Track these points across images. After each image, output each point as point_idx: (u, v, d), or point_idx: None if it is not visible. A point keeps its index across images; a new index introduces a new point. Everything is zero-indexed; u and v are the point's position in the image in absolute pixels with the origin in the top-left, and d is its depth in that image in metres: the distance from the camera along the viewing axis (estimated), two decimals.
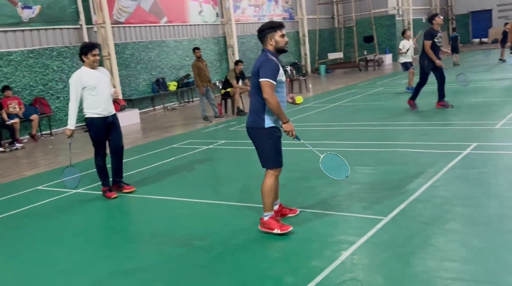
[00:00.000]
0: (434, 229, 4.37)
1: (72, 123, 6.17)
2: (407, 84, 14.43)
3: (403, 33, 14.27)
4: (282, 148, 4.70)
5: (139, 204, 6.28)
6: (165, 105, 16.50)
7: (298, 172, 6.58)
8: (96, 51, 6.20)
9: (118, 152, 6.59)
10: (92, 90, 6.15)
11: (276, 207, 4.88)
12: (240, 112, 13.06)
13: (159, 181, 7.14)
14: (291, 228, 4.56)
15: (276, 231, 4.54)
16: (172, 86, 16.62)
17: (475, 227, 4.38)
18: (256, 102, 4.54)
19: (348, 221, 4.81)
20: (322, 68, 24.66)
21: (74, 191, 6.94)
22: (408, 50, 13.90)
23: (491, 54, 24.77)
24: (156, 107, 16.37)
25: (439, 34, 10.18)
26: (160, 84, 16.23)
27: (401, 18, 27.67)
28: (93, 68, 6.22)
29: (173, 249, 4.54)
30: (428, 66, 10.29)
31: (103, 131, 6.32)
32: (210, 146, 9.29)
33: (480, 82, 14.52)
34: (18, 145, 11.23)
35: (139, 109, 15.08)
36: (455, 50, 20.55)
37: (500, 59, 20.09)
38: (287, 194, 5.62)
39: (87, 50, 6.14)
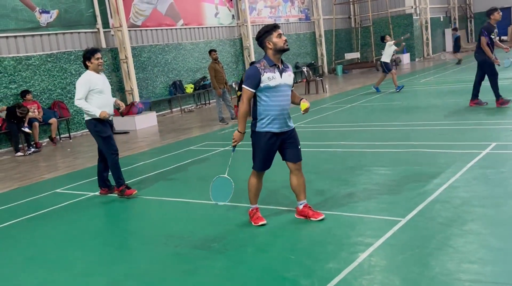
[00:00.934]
0: (452, 230, 4.30)
1: (96, 110, 6.26)
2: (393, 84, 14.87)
3: (383, 39, 14.93)
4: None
5: (155, 206, 6.31)
6: (182, 107, 16.58)
7: (314, 173, 6.54)
8: (99, 55, 6.36)
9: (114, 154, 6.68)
10: (99, 93, 6.34)
11: (300, 207, 4.99)
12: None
13: (176, 183, 7.17)
14: (264, 222, 4.90)
15: (251, 222, 4.99)
16: (189, 88, 16.70)
17: (494, 227, 4.30)
18: (253, 108, 4.81)
19: (365, 223, 4.77)
20: (339, 68, 24.53)
21: (92, 194, 7.01)
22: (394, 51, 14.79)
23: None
24: (173, 110, 16.46)
25: (495, 30, 10.01)
26: (177, 86, 16.32)
27: (418, 17, 27.39)
28: (97, 72, 6.38)
29: (190, 251, 4.55)
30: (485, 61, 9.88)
31: (108, 130, 6.49)
32: (227, 148, 9.29)
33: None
34: (33, 149, 11.32)
35: (157, 112, 15.18)
36: (457, 49, 22.13)
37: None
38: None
39: (90, 55, 6.31)
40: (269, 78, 4.57)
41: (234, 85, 15.35)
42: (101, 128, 6.41)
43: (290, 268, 3.96)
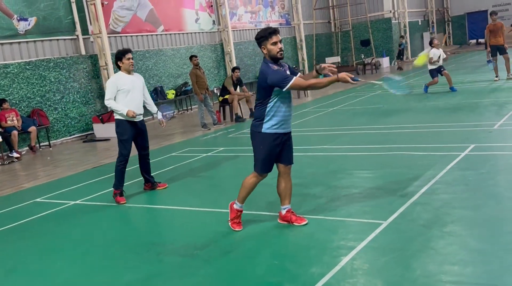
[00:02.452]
0: (433, 232, 4.35)
1: (123, 109, 6.45)
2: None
3: (431, 42, 13.85)
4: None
5: (138, 214, 6.27)
6: (164, 113, 16.47)
7: (297, 178, 6.55)
8: (130, 55, 6.55)
9: (146, 156, 7.02)
10: (126, 94, 6.50)
11: (283, 212, 4.96)
12: (238, 118, 13.07)
13: (158, 190, 7.12)
14: (240, 229, 4.92)
15: (229, 222, 5.02)
16: (171, 94, 16.63)
17: (474, 229, 4.37)
18: (259, 110, 4.68)
19: (348, 226, 4.80)
20: None
21: (73, 202, 6.93)
22: (439, 57, 13.42)
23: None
24: (155, 116, 16.34)
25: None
26: (158, 92, 16.24)
27: (397, 21, 27.74)
28: (129, 72, 6.57)
29: (173, 259, 4.52)
30: None
31: (129, 133, 6.62)
32: (209, 154, 9.28)
33: (475, 83, 14.53)
34: (15, 154, 11.24)
35: None
36: (400, 56, 22.96)
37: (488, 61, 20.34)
38: None
39: (121, 55, 6.51)
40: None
41: (215, 91, 15.35)
42: (122, 129, 6.61)
43: (274, 274, 3.96)
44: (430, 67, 13.54)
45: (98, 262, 4.75)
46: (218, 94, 13.79)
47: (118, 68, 6.64)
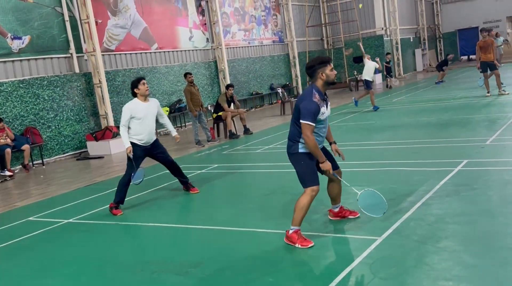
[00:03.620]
0: (428, 247, 4.36)
1: (127, 143, 6.94)
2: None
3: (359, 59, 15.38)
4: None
5: (132, 232, 6.23)
6: (158, 130, 16.50)
7: (291, 194, 6.56)
8: (144, 81, 7.04)
9: (171, 165, 7.48)
10: (139, 121, 6.92)
11: (336, 210, 5.37)
12: (232, 135, 13.09)
13: (152, 208, 7.10)
14: (312, 244, 4.69)
15: (297, 245, 4.72)
16: (164, 111, 16.59)
17: (468, 244, 4.38)
18: (293, 130, 4.85)
19: (343, 242, 4.80)
20: None
21: (66, 221, 6.88)
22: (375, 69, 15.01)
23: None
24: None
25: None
26: None
27: (389, 38, 28.05)
28: (145, 97, 7.02)
29: (167, 277, 4.49)
30: None
31: (138, 154, 7.01)
32: (203, 171, 9.27)
33: (467, 99, 14.67)
34: (7, 173, 11.18)
35: None
36: (389, 73, 23.39)
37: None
38: (278, 218, 5.61)
39: (137, 82, 6.99)
40: (322, 112, 4.73)
41: (209, 107, 15.37)
42: (133, 151, 6.95)
43: None
44: (366, 77, 15.13)
45: (91, 281, 4.70)
46: (212, 111, 13.83)
47: (134, 95, 7.03)
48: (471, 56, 33.70)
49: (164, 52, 17.47)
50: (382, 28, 27.44)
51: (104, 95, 14.22)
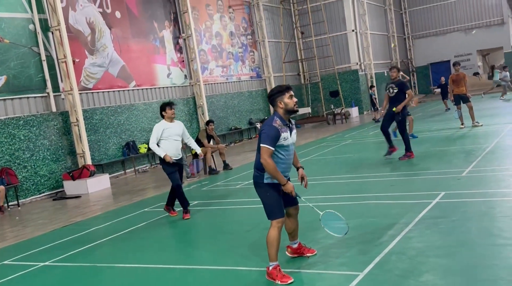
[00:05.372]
0: (410, 282, 4.35)
1: (162, 153, 8.10)
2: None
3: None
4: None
5: (111, 273, 6.08)
6: (136, 168, 16.36)
7: None
8: (173, 107, 8.30)
9: (178, 187, 8.30)
10: (166, 139, 8.14)
11: (295, 246, 5.34)
12: (212, 171, 13.05)
13: (131, 247, 6.96)
14: (291, 280, 4.66)
15: (277, 281, 4.69)
16: (143, 148, 16.56)
17: (449, 278, 4.38)
18: (258, 159, 4.85)
19: (325, 279, 4.76)
20: None
21: (42, 264, 6.69)
22: None
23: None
24: (127, 171, 16.21)
25: (389, 85, 10.66)
26: (130, 147, 16.17)
27: (363, 72, 28.67)
28: (171, 120, 8.26)
29: None
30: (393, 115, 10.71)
31: (173, 166, 8.20)
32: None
33: (442, 131, 14.97)
34: None
35: (110, 174, 14.90)
36: (373, 106, 23.43)
37: (446, 109, 21.40)
38: (261, 254, 5.55)
39: (166, 106, 8.25)
40: (285, 138, 4.78)
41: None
42: (165, 166, 8.24)
43: None
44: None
45: None
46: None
47: (162, 117, 8.30)
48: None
49: (142, 89, 17.51)
50: (357, 63, 28.07)
51: (81, 134, 14.11)
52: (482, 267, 4.51)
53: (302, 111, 26.49)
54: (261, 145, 4.72)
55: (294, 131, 4.98)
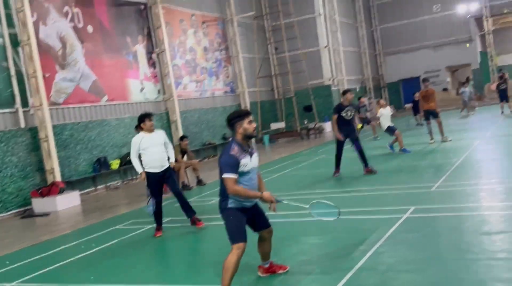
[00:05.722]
0: None
1: (139, 170, 7.93)
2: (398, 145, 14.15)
3: (378, 102, 14.78)
4: None
5: None
6: (108, 184, 16.10)
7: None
8: (150, 118, 7.91)
9: (177, 195, 8.17)
10: (145, 150, 7.83)
11: (266, 266, 5.30)
12: (185, 187, 12.93)
13: (101, 266, 6.81)
14: None
15: None
16: (115, 164, 16.32)
17: None
18: (222, 187, 4.80)
19: None
20: (266, 138, 25.15)
21: (9, 284, 6.48)
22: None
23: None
24: (97, 187, 15.92)
25: (346, 109, 10.82)
26: (101, 163, 15.90)
27: (336, 88, 29.03)
28: (150, 131, 7.88)
29: None
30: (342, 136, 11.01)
31: (155, 184, 7.92)
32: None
33: (412, 146, 15.22)
34: None
35: (80, 190, 14.60)
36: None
37: (418, 124, 21.79)
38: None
39: (145, 118, 7.87)
40: (244, 164, 4.71)
41: None
42: (148, 181, 7.94)
43: None
44: (386, 125, 14.31)
45: None
46: None
47: (140, 129, 7.93)
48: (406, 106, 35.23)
49: (115, 104, 17.32)
50: (330, 79, 28.41)
51: (51, 150, 13.83)
52: (452, 281, 4.56)
53: (276, 126, 26.63)
54: (223, 176, 4.65)
55: (255, 154, 4.92)
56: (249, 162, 4.78)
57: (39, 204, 13.02)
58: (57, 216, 12.02)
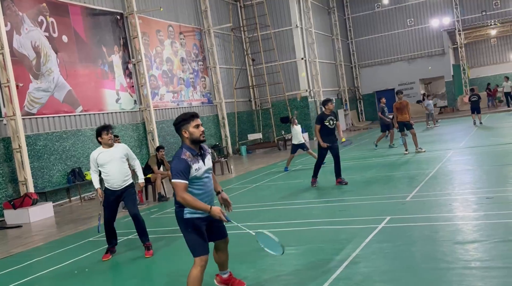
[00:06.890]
0: None
1: (96, 185, 7.51)
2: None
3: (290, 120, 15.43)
4: None
5: None
6: (82, 195, 15.85)
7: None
8: (108, 131, 7.27)
9: (134, 218, 7.47)
10: (102, 166, 7.30)
11: (225, 276, 5.15)
12: (161, 198, 12.82)
13: (74, 280, 6.68)
14: None
15: None
16: (89, 175, 16.08)
17: None
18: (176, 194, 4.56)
19: None
20: (243, 148, 25.17)
21: None
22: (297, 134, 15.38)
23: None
24: (72, 198, 15.66)
25: (329, 118, 10.91)
26: (76, 174, 15.67)
27: (313, 99, 29.28)
28: (110, 145, 7.30)
29: None
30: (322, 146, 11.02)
31: (110, 202, 7.41)
32: (130, 236, 8.92)
33: (387, 157, 15.42)
34: None
35: (53, 202, 14.35)
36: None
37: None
38: (210, 282, 5.45)
39: (102, 131, 7.27)
40: (196, 169, 4.49)
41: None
42: (104, 198, 7.48)
43: None
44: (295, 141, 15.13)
45: None
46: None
47: (99, 143, 7.38)
48: (389, 115, 35.72)
49: (90, 114, 17.11)
50: (306, 90, 28.66)
51: (24, 161, 13.57)
52: None
53: (253, 137, 26.70)
54: (172, 181, 4.42)
55: (208, 156, 4.71)
56: (202, 166, 4.56)
57: (11, 216, 12.73)
58: (30, 228, 11.77)
